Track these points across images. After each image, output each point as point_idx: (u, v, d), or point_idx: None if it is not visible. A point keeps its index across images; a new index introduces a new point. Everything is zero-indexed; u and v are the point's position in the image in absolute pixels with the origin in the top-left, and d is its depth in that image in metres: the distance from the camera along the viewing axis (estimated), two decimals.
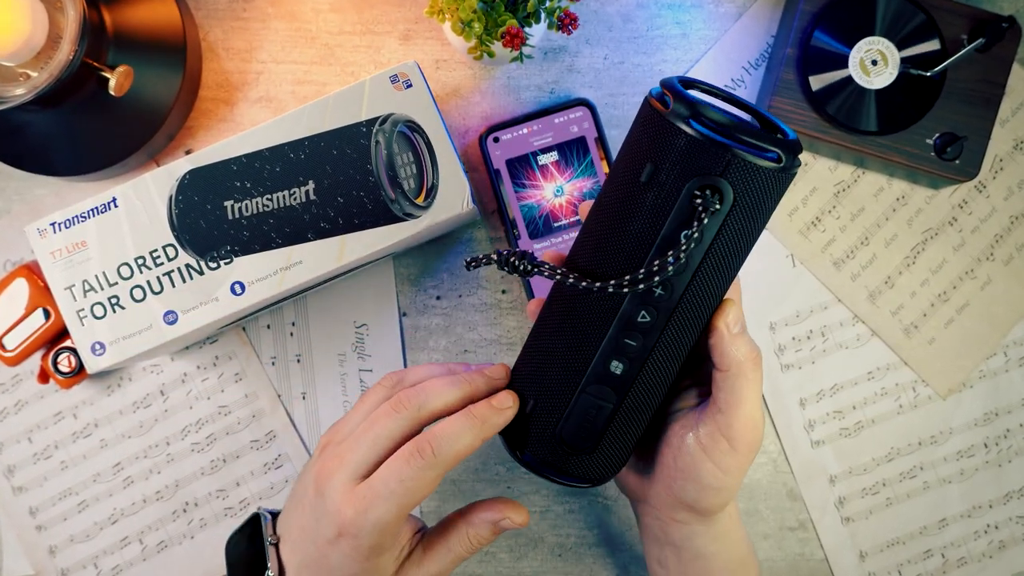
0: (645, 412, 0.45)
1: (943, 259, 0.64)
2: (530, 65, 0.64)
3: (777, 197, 0.41)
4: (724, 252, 0.41)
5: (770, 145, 0.39)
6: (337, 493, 0.43)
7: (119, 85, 0.54)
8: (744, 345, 0.44)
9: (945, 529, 0.63)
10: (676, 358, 0.44)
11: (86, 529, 0.63)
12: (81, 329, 0.54)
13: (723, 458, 0.45)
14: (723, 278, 0.42)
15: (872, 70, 0.59)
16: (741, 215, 0.40)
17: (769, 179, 0.40)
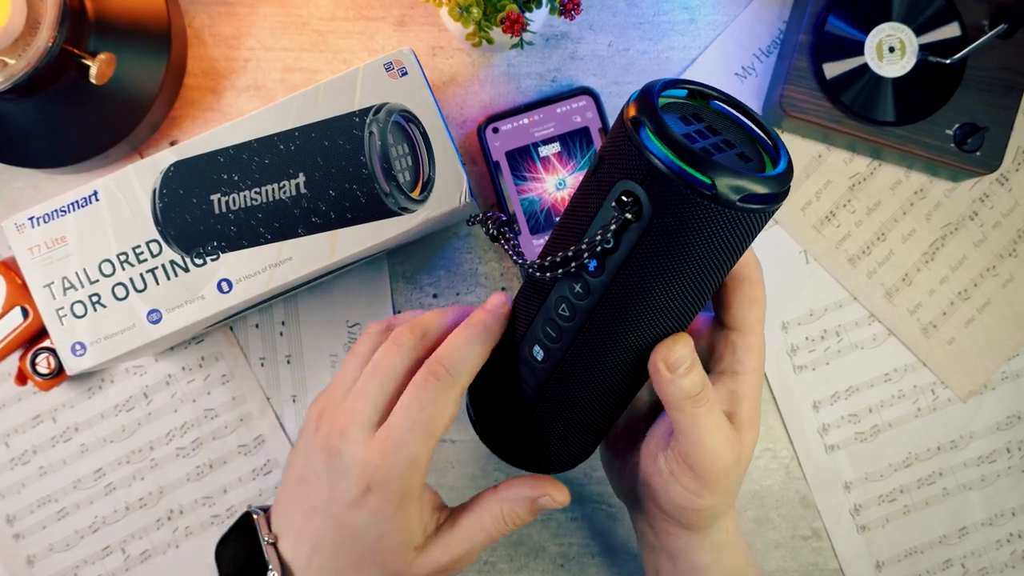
0: (576, 411, 0.45)
1: (963, 255, 0.64)
2: (531, 52, 0.64)
3: (717, 234, 0.37)
4: (646, 273, 0.39)
5: (715, 174, 0.36)
6: (356, 445, 0.42)
7: (101, 73, 0.54)
8: (684, 386, 0.43)
9: (965, 538, 0.63)
10: (603, 367, 0.43)
11: (66, 538, 0.63)
12: (60, 329, 0.54)
13: (690, 484, 0.45)
14: (651, 303, 0.40)
15: (889, 57, 0.59)
16: (663, 237, 0.38)
17: (698, 209, 0.36)
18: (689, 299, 0.40)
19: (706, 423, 0.44)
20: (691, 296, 0.40)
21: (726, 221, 0.37)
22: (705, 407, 0.44)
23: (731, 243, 0.38)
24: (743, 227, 0.38)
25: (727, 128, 0.41)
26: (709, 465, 0.44)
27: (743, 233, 0.38)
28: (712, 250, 0.38)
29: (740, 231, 0.38)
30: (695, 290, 0.40)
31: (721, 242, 0.38)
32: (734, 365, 0.46)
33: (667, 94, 0.41)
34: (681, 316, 0.41)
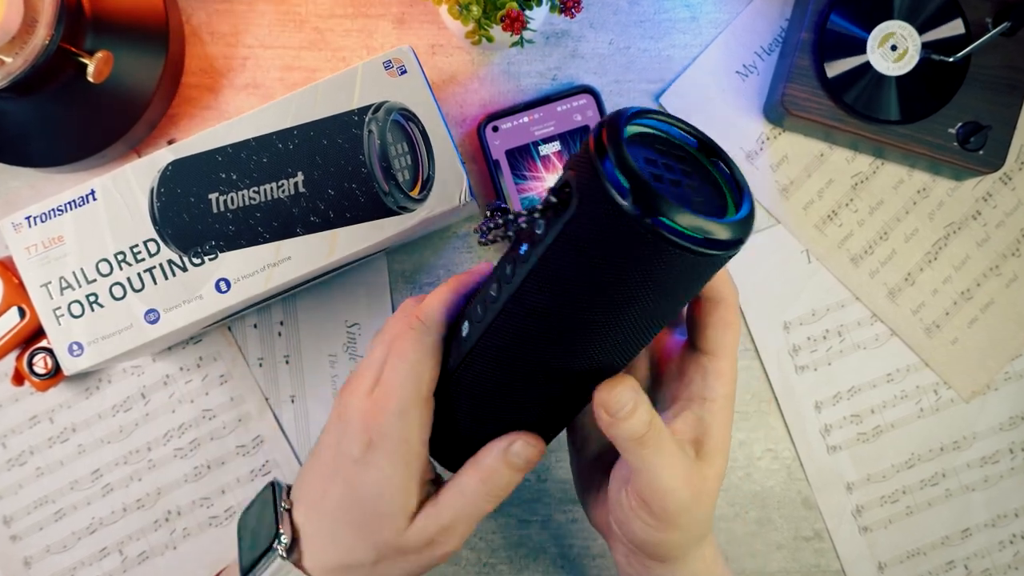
0: (484, 407, 0.44)
1: (966, 255, 0.64)
2: (531, 50, 0.64)
3: (645, 260, 0.35)
4: (561, 273, 0.37)
5: (656, 201, 0.34)
6: (357, 405, 0.44)
7: (98, 71, 0.54)
8: (625, 429, 0.42)
9: (968, 539, 0.63)
10: (514, 366, 0.41)
11: (63, 539, 0.63)
12: (58, 328, 0.54)
13: (648, 519, 0.44)
14: (566, 314, 0.38)
15: (891, 55, 0.59)
16: (580, 239, 0.36)
17: (618, 224, 0.34)
18: (613, 325, 0.38)
19: (656, 462, 0.42)
20: (614, 321, 0.38)
21: (662, 254, 0.34)
22: (651, 448, 0.42)
23: (667, 277, 0.35)
24: (685, 266, 0.35)
25: (695, 168, 0.39)
26: (662, 503, 0.43)
27: (685, 272, 0.36)
28: (638, 276, 0.35)
29: (681, 268, 0.35)
30: (618, 316, 0.37)
31: (654, 272, 0.35)
32: (704, 391, 0.45)
33: (638, 122, 0.39)
34: (605, 344, 0.39)
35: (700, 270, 0.37)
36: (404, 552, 0.45)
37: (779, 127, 0.64)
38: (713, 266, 0.37)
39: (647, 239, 0.34)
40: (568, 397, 0.43)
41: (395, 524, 0.44)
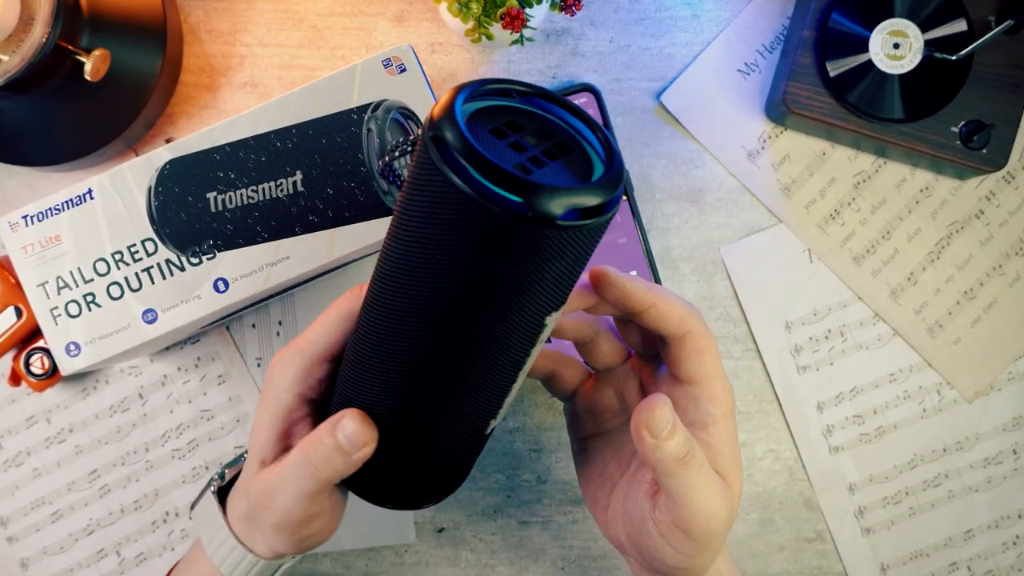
0: (344, 380, 0.41)
1: (969, 254, 0.64)
2: (531, 48, 0.64)
3: (483, 232, 0.32)
4: (410, 227, 0.34)
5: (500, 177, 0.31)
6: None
7: (95, 70, 0.54)
8: (670, 449, 0.41)
9: (971, 540, 0.63)
10: (387, 324, 0.38)
11: (60, 541, 0.63)
12: (55, 328, 0.54)
13: (683, 547, 0.43)
14: (417, 276, 0.35)
15: (894, 53, 0.59)
16: (420, 224, 0.34)
17: (462, 210, 0.32)
18: (473, 311, 0.35)
19: (699, 484, 0.42)
20: (474, 307, 0.35)
21: (513, 234, 0.32)
22: (695, 468, 0.42)
23: (529, 258, 0.33)
24: (549, 244, 0.33)
25: (551, 136, 0.37)
26: (705, 527, 0.42)
27: (552, 250, 0.33)
28: (492, 262, 0.33)
29: (544, 247, 0.33)
30: (480, 304, 0.35)
31: (511, 255, 0.33)
32: (701, 416, 0.45)
33: (479, 99, 0.36)
34: (475, 334, 0.36)
35: (572, 244, 0.33)
36: (255, 505, 0.44)
37: (781, 126, 0.64)
38: (587, 237, 0.34)
39: (493, 221, 0.31)
40: (443, 390, 0.39)
41: (251, 468, 0.44)
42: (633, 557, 0.48)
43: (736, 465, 0.45)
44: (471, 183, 0.31)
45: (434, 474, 0.43)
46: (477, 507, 0.64)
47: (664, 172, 0.64)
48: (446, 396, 0.39)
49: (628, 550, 0.48)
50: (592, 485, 0.50)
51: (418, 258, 0.35)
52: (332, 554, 0.63)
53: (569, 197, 0.32)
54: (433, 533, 0.63)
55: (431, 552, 0.63)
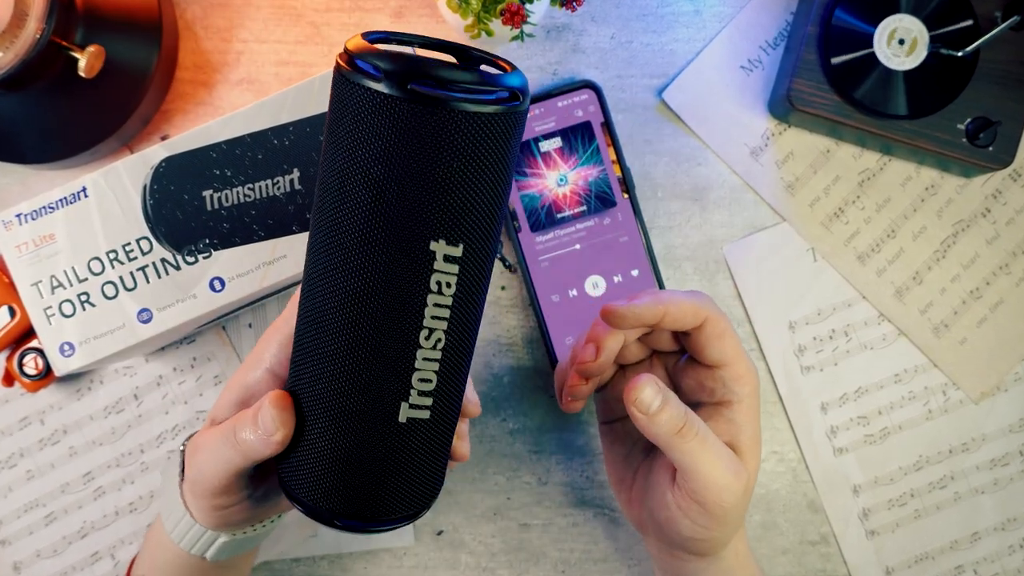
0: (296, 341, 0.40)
1: (975, 253, 0.64)
2: (531, 44, 0.64)
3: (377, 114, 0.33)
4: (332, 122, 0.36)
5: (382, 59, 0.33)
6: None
7: (90, 66, 0.54)
8: (665, 422, 0.44)
9: (978, 543, 0.63)
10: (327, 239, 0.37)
11: (54, 544, 0.63)
12: (48, 328, 0.54)
13: (699, 518, 0.46)
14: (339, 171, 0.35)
15: (899, 50, 0.59)
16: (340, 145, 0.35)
17: (383, 108, 0.33)
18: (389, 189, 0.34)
19: (704, 457, 0.45)
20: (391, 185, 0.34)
21: (444, 117, 0.33)
22: (695, 440, 0.44)
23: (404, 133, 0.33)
24: (471, 128, 0.33)
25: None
26: (717, 500, 0.45)
27: (473, 136, 0.33)
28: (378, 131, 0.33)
29: (467, 131, 0.33)
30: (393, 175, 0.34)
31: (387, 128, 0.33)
32: (727, 395, 0.48)
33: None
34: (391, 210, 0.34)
35: (443, 135, 0.33)
36: (187, 458, 0.45)
37: (784, 123, 0.64)
38: (467, 134, 0.33)
39: (419, 111, 0.32)
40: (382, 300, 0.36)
41: (204, 426, 0.45)
42: (653, 535, 0.51)
43: (756, 442, 0.48)
44: (355, 67, 0.33)
45: (357, 474, 0.39)
46: (477, 509, 0.64)
47: (666, 170, 0.64)
48: (342, 355, 0.37)
49: (649, 528, 0.51)
50: (618, 466, 0.54)
51: (324, 177, 0.35)
52: (329, 557, 0.63)
53: (427, 67, 0.33)
54: (432, 536, 0.63)
55: (430, 555, 0.63)
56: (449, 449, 0.41)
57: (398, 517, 0.40)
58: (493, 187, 0.35)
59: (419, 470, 0.39)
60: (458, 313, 0.37)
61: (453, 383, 0.39)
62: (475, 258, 0.36)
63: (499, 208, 0.37)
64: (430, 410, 0.38)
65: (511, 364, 0.63)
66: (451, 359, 0.38)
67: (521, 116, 0.35)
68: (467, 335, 0.38)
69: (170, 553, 0.48)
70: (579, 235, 0.62)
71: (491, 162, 0.35)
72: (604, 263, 0.62)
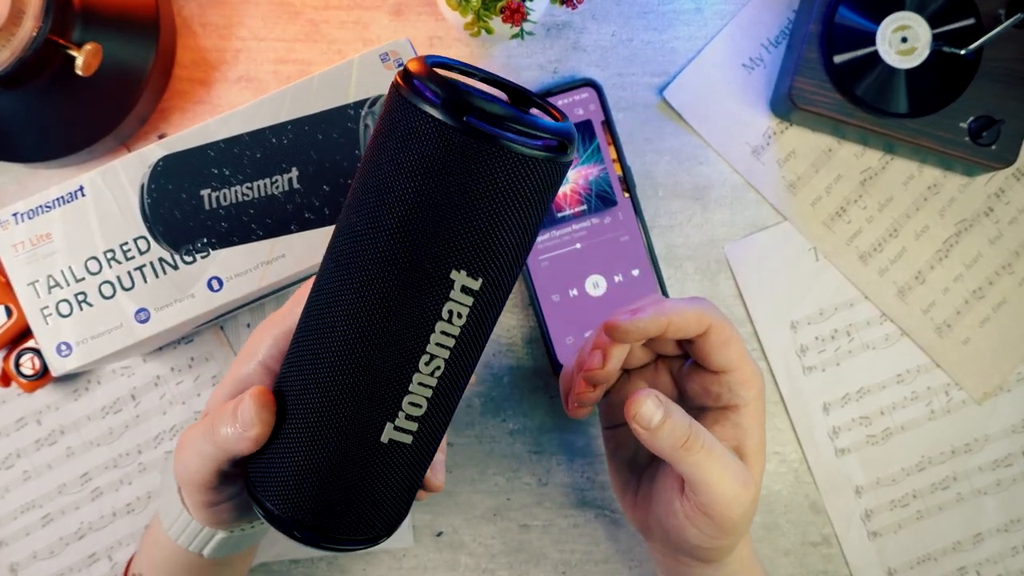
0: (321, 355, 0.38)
1: (978, 252, 0.64)
2: (531, 42, 0.64)
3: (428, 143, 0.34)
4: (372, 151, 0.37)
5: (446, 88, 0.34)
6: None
7: (87, 64, 0.54)
8: (668, 436, 0.44)
9: (980, 544, 0.63)
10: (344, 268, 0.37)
11: (51, 545, 0.63)
12: (45, 328, 0.54)
13: (707, 528, 0.46)
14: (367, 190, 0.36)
15: (901, 48, 0.59)
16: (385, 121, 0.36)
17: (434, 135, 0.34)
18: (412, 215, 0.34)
19: (711, 468, 0.44)
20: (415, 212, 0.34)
21: (445, 138, 0.33)
22: (702, 452, 0.44)
23: (454, 170, 0.34)
24: (470, 156, 0.33)
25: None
26: (726, 512, 0.45)
27: (471, 165, 0.34)
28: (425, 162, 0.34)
29: (466, 159, 0.34)
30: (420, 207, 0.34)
31: (439, 159, 0.34)
32: (733, 399, 0.48)
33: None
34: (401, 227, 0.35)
35: (482, 171, 0.34)
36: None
37: (786, 121, 0.64)
38: (508, 177, 0.34)
39: (468, 143, 0.33)
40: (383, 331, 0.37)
41: (201, 418, 0.45)
42: (658, 540, 0.51)
43: (761, 446, 0.48)
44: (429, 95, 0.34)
45: (326, 487, 0.38)
46: (476, 510, 0.64)
47: (667, 169, 0.64)
48: (339, 362, 0.37)
49: (654, 533, 0.51)
50: (622, 471, 0.54)
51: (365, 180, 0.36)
52: (328, 559, 0.63)
53: (484, 103, 0.34)
54: (431, 537, 0.63)
55: (429, 556, 0.63)
56: (421, 480, 0.41)
57: (358, 539, 0.39)
58: (523, 230, 0.36)
59: (388, 495, 0.39)
60: (462, 346, 0.37)
61: (441, 415, 0.39)
62: (491, 296, 0.37)
63: (524, 251, 0.37)
64: (413, 436, 0.38)
65: (511, 364, 0.64)
66: (444, 390, 0.38)
67: (565, 167, 0.36)
68: (464, 370, 0.38)
69: (167, 550, 0.48)
70: (579, 234, 0.62)
71: (527, 205, 0.35)
72: (605, 262, 0.62)
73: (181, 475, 0.44)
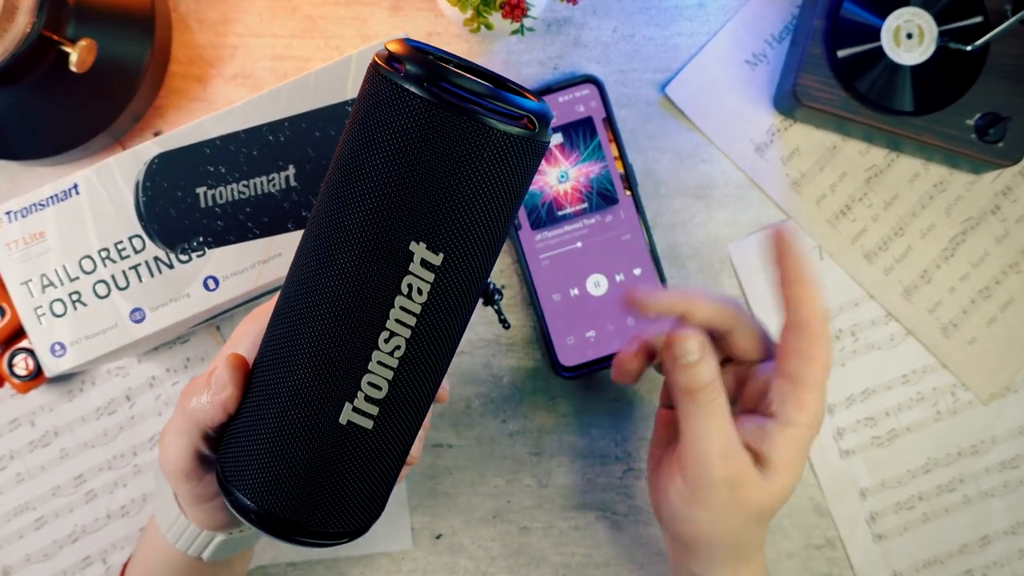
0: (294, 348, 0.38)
1: (985, 251, 0.64)
2: (532, 38, 0.64)
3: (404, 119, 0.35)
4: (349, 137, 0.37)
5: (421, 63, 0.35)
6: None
7: (81, 60, 0.54)
8: (690, 377, 0.46)
9: (987, 547, 0.63)
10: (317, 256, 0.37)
11: (44, 548, 0.63)
12: (39, 328, 0.54)
13: (681, 487, 0.47)
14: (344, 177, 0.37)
15: (907, 44, 0.59)
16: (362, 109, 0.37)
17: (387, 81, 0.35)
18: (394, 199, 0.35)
19: (703, 424, 0.46)
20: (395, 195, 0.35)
21: (416, 108, 0.34)
22: (706, 408, 0.46)
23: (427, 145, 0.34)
24: (444, 130, 0.34)
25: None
26: (694, 470, 0.46)
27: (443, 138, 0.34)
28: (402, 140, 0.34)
29: (439, 132, 0.34)
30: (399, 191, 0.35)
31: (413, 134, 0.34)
32: (781, 414, 0.46)
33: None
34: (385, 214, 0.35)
35: (439, 141, 0.34)
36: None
37: (790, 118, 0.64)
38: (465, 146, 0.34)
39: (418, 102, 0.34)
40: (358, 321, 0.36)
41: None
42: (662, 520, 0.52)
43: (788, 469, 0.47)
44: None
45: (287, 470, 0.38)
46: (476, 513, 0.64)
47: (669, 166, 0.64)
48: (300, 337, 0.37)
49: (662, 512, 0.52)
50: (659, 447, 0.54)
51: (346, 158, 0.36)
52: (326, 561, 0.63)
53: (460, 78, 0.35)
54: (431, 540, 0.63)
55: (428, 559, 0.63)
56: (394, 474, 0.40)
57: (320, 531, 0.39)
58: (492, 209, 0.36)
59: (354, 485, 0.38)
60: (426, 326, 0.36)
61: (406, 402, 0.38)
62: (456, 274, 0.36)
63: (494, 233, 0.37)
64: (374, 420, 0.37)
65: (511, 364, 0.64)
66: (409, 374, 0.37)
67: (535, 146, 0.36)
68: (431, 354, 0.37)
69: (165, 554, 0.48)
70: (580, 233, 0.62)
71: (495, 183, 0.35)
72: (606, 261, 0.62)
73: (164, 464, 0.44)
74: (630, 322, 0.61)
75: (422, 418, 0.40)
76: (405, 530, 0.63)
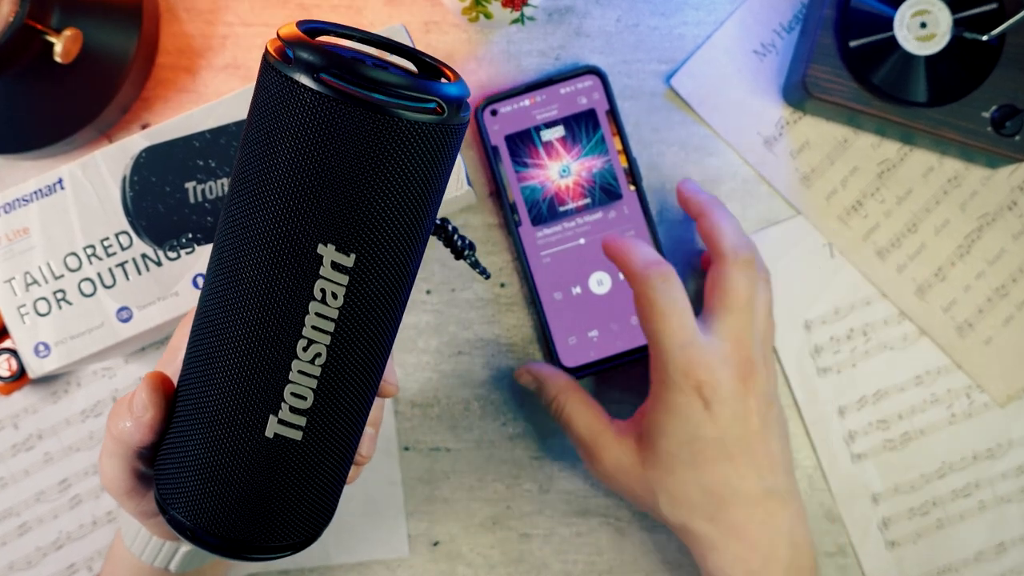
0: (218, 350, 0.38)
1: (1001, 248, 0.64)
2: (532, 28, 0.64)
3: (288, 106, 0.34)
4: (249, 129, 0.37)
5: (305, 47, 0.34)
6: None
7: (66, 51, 0.54)
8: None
9: (1003, 554, 0.64)
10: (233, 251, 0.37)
11: (28, 555, 0.63)
12: (22, 328, 0.54)
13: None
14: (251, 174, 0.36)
15: (920, 34, 0.59)
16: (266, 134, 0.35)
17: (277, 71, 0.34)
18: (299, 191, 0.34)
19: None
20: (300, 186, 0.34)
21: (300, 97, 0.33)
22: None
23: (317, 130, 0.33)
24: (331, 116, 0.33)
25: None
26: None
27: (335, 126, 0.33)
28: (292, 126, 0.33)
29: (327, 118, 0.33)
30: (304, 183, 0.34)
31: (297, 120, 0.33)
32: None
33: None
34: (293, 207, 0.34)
35: (340, 130, 0.33)
36: None
37: (800, 110, 0.64)
38: (362, 136, 0.33)
39: (338, 104, 0.32)
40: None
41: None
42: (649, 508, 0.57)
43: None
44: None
45: (218, 486, 0.37)
46: (475, 519, 0.64)
47: (675, 160, 0.64)
48: (217, 349, 0.36)
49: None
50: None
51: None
52: (319, 569, 0.63)
53: (356, 65, 0.33)
54: (428, 547, 0.63)
55: (425, 567, 0.63)
56: (338, 481, 0.40)
57: (263, 546, 0.38)
58: (405, 203, 0.35)
59: (290, 496, 0.38)
60: (347, 330, 0.36)
61: (338, 409, 0.37)
62: (373, 274, 0.35)
63: (411, 229, 0.36)
64: (303, 431, 0.37)
65: (511, 365, 0.64)
66: (335, 381, 0.37)
67: (446, 131, 0.35)
68: (357, 360, 0.37)
69: (132, 567, 0.48)
70: (583, 229, 0.62)
71: (402, 175, 0.34)
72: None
73: (105, 484, 0.43)
74: (633, 321, 0.61)
75: (362, 422, 0.39)
76: (401, 537, 0.63)
